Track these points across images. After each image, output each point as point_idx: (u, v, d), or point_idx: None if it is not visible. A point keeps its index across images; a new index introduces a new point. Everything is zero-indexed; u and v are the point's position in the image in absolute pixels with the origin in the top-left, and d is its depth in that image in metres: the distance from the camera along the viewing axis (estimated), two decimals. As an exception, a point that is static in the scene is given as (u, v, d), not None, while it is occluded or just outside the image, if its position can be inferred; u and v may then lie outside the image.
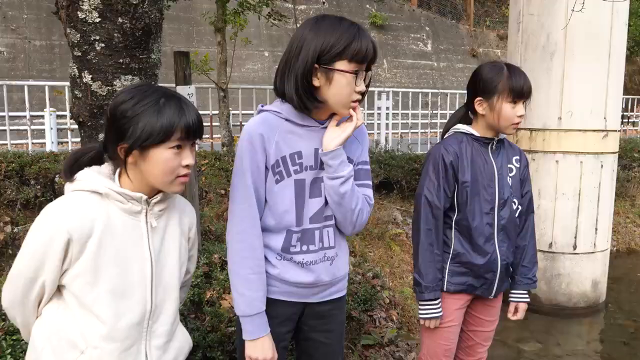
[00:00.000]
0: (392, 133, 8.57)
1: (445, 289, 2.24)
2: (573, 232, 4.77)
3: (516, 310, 2.41)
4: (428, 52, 15.02)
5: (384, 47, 13.71)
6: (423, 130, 9.51)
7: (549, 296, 4.91)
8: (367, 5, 14.36)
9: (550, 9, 4.58)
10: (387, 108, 8.25)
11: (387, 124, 8.31)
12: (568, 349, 4.36)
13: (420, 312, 2.23)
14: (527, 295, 2.40)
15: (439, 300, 2.21)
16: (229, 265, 1.69)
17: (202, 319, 2.81)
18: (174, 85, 3.36)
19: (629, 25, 9.97)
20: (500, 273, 2.25)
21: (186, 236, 1.59)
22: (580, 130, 4.61)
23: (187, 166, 1.40)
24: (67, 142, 7.11)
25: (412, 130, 9.51)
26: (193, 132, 1.39)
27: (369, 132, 8.11)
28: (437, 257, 2.18)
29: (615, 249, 7.08)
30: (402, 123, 8.93)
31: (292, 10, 11.95)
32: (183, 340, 1.59)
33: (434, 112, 9.38)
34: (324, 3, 14.68)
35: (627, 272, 6.58)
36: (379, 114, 8.25)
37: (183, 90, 3.29)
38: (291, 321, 1.78)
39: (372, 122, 8.26)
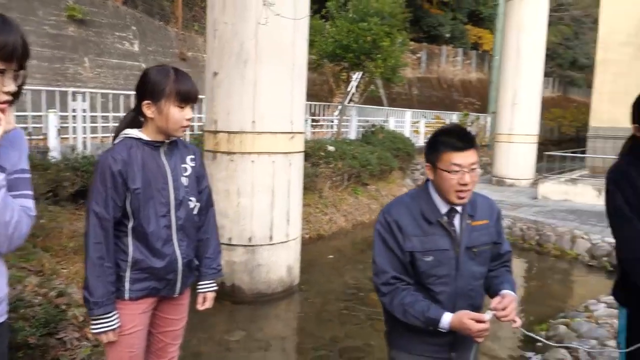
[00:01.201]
0: (91, 137, 8.00)
1: (127, 298, 2.20)
2: (269, 225, 5.26)
3: (204, 300, 2.49)
4: (135, 53, 14.55)
5: (85, 43, 12.74)
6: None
7: (252, 286, 5.31)
8: (64, -4, 13.18)
9: (242, 18, 4.89)
10: (84, 110, 7.66)
11: (84, 128, 7.72)
12: (269, 332, 4.78)
13: (92, 327, 2.14)
14: (214, 285, 2.51)
15: (112, 313, 2.15)
16: None
17: None
18: None
19: (315, 41, 11.41)
20: (182, 271, 2.31)
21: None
22: (271, 132, 5.10)
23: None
24: None
25: (114, 134, 9.05)
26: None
27: (64, 136, 7.44)
28: (109, 270, 2.12)
29: (307, 236, 8.05)
30: (102, 126, 8.41)
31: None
32: None
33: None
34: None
35: (318, 256, 7.55)
36: (74, 116, 7.61)
37: None
38: None
39: (67, 125, 7.57)
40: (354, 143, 11.12)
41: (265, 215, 5.23)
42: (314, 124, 13.26)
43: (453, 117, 18.77)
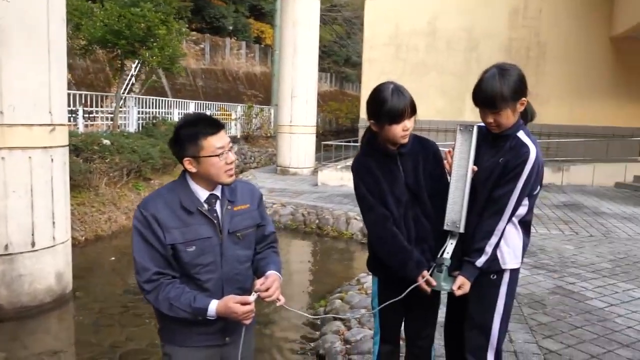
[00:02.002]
0: None
1: None
2: (30, 230, 4.67)
3: None
4: None
5: None
6: None
7: (12, 300, 4.67)
8: None
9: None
10: None
11: None
12: (36, 349, 4.28)
13: None
14: None
15: None
16: None
17: None
18: None
19: (82, 24, 10.47)
20: None
21: None
22: (25, 124, 4.51)
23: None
24: None
25: None
26: None
27: None
28: None
29: (83, 238, 7.41)
30: None
31: None
32: None
33: None
34: None
35: (96, 258, 7.00)
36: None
37: None
38: None
39: None
40: (133, 136, 10.54)
41: (23, 219, 4.62)
42: (88, 115, 12.21)
43: (238, 109, 19.07)
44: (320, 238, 8.37)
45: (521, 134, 2.28)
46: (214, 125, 1.95)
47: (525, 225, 2.38)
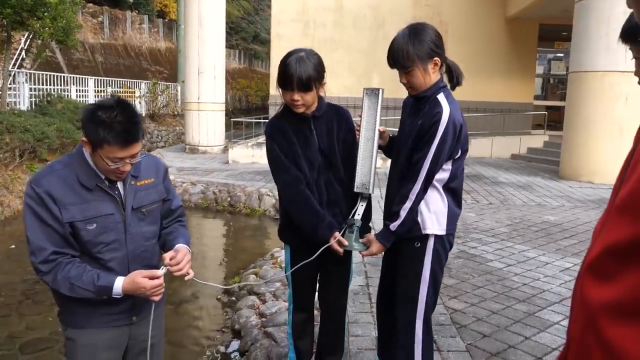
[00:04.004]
0: None
1: None
2: None
3: None
4: None
5: None
6: None
7: None
8: None
9: None
10: None
11: None
12: None
13: None
14: None
15: None
16: None
17: None
18: None
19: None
20: None
21: None
22: None
23: None
24: None
25: None
26: None
27: None
28: None
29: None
30: None
31: None
32: None
33: None
34: None
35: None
36: None
37: None
38: None
39: None
40: (25, 114, 9.77)
41: None
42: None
43: (142, 86, 18.26)
44: (233, 216, 8.28)
45: (440, 96, 2.24)
46: (127, 138, 1.75)
47: (452, 192, 2.33)
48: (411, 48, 2.19)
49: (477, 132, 13.99)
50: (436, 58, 2.23)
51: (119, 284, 1.82)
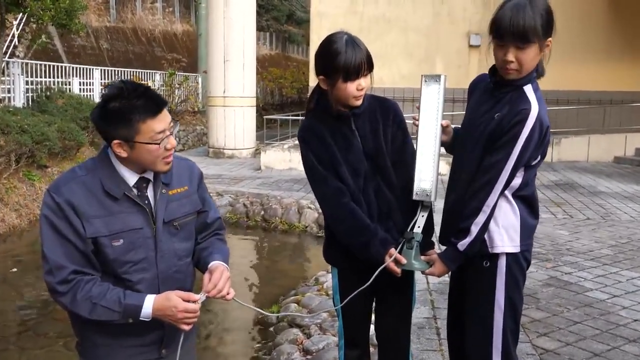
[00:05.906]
0: None
1: None
2: None
3: None
4: None
5: None
6: None
7: None
8: None
9: None
10: None
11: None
12: None
13: None
14: None
15: None
16: None
17: None
18: None
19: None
20: None
21: None
22: None
23: None
24: None
25: None
26: None
27: None
28: None
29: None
30: None
31: None
32: None
33: None
34: None
35: (-19, 268, 6.78)
36: None
37: None
38: None
39: None
40: (22, 112, 10.18)
41: None
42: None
43: (157, 78, 18.73)
44: (268, 232, 8.41)
45: (528, 88, 2.26)
46: (155, 103, 1.89)
47: (525, 201, 2.35)
48: (538, 20, 2.17)
49: (569, 129, 13.71)
50: (549, 39, 2.24)
51: (149, 303, 1.88)
